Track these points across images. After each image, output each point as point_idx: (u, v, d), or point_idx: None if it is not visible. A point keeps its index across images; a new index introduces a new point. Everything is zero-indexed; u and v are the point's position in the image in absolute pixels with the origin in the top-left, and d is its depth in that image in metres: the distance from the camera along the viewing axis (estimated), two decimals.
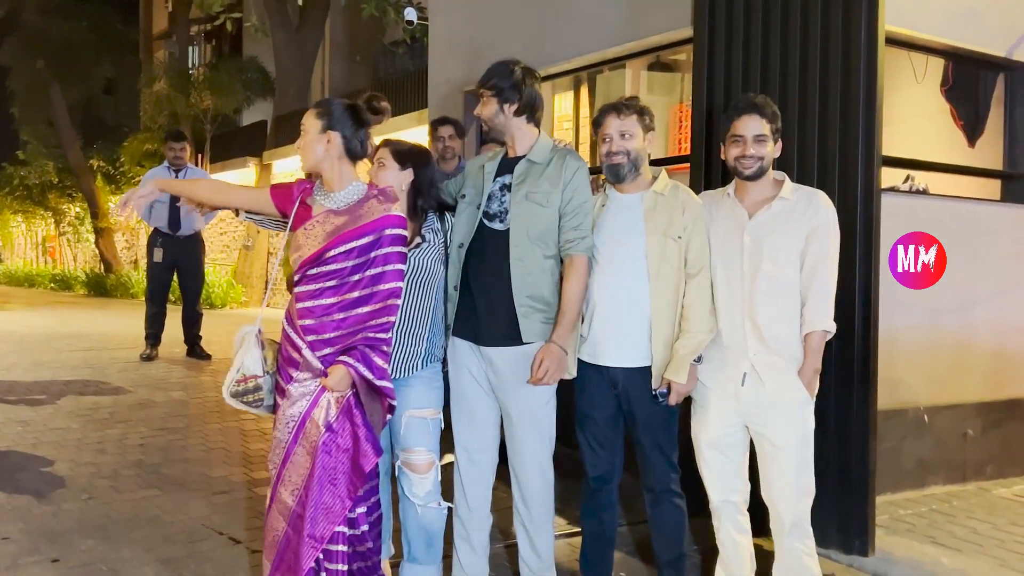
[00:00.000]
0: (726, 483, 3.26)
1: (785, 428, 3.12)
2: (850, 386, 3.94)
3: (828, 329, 3.12)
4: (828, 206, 3.17)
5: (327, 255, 2.96)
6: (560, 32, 6.30)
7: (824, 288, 3.10)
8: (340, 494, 2.94)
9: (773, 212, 3.15)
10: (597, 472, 3.35)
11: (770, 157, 3.18)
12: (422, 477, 3.24)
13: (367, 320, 2.95)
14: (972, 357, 5.02)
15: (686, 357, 3.14)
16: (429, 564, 3.33)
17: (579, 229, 3.19)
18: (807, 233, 3.11)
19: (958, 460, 4.98)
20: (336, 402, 2.95)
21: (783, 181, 3.21)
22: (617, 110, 3.25)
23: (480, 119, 3.39)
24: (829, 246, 3.12)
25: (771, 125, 3.17)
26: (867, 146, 3.95)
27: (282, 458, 2.99)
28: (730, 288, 3.18)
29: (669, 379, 3.14)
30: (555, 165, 3.23)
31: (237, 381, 3.08)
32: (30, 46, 22.97)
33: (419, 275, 3.25)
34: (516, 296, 3.19)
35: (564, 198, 3.19)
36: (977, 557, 3.93)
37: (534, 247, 3.20)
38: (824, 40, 4.07)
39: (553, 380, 3.17)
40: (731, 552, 3.30)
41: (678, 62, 6.56)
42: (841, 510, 3.97)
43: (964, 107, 5.62)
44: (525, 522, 3.34)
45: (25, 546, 3.89)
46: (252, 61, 19.20)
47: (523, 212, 3.20)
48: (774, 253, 3.12)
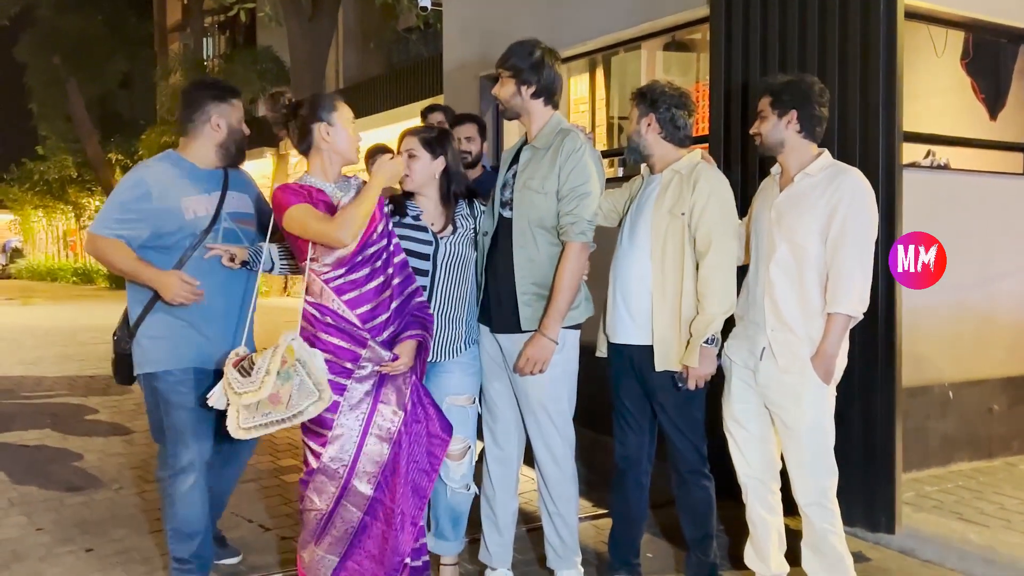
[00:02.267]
0: (753, 460, 3.26)
1: (795, 410, 3.09)
2: (874, 364, 3.93)
3: (846, 312, 2.99)
4: (855, 184, 3.04)
5: (371, 238, 2.97)
6: (575, 14, 6.26)
7: (845, 269, 2.98)
8: (425, 468, 3.02)
9: (796, 188, 3.12)
10: (625, 452, 3.36)
11: (768, 132, 3.15)
12: (458, 463, 3.25)
13: (405, 288, 3.04)
14: (996, 332, 4.99)
15: (696, 339, 3.09)
16: (454, 540, 3.38)
17: (571, 215, 3.14)
18: (829, 211, 3.02)
19: (984, 436, 4.96)
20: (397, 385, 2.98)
21: (821, 155, 3.13)
22: (633, 98, 3.29)
23: (497, 100, 3.36)
24: (852, 225, 2.99)
25: (771, 99, 3.14)
26: (888, 122, 3.91)
27: (354, 452, 2.93)
28: (757, 263, 3.19)
29: (684, 363, 3.13)
30: (553, 149, 3.19)
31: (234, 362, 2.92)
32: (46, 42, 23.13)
33: (452, 261, 3.25)
34: (519, 283, 3.19)
35: (559, 182, 3.15)
36: (1005, 532, 3.91)
37: (536, 234, 3.19)
38: (843, 15, 4.04)
39: (539, 370, 3.15)
40: (759, 529, 3.30)
41: (694, 42, 6.53)
42: (867, 488, 3.96)
43: (985, 80, 5.56)
44: (547, 506, 3.36)
45: (59, 536, 3.96)
46: (266, 51, 19.23)
47: (523, 200, 3.20)
48: (791, 231, 3.08)
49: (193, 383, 3.21)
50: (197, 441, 3.23)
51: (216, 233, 3.25)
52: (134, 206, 3.16)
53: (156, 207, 3.16)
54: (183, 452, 3.22)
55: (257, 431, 2.83)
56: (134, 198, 3.18)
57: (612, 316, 3.28)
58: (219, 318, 3.27)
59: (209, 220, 3.23)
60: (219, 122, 3.30)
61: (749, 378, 3.19)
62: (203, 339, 3.24)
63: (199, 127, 3.29)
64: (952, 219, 4.76)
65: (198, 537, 3.26)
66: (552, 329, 3.13)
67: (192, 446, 3.22)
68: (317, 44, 16.53)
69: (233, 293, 3.31)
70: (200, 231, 3.21)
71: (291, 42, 16.55)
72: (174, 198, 3.20)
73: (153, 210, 3.16)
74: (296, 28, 16.22)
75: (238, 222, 3.34)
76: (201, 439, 3.24)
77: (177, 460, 3.24)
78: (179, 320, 3.22)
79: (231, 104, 3.34)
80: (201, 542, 3.28)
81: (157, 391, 3.27)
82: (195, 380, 3.21)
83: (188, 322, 3.22)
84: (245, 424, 2.81)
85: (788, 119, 3.12)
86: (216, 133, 3.30)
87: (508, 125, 7.37)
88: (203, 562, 3.31)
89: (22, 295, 21.59)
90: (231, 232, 3.30)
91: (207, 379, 3.18)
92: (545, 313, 3.14)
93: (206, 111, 3.28)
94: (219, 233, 3.26)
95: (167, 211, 3.17)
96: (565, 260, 3.14)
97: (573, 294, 3.17)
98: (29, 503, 4.42)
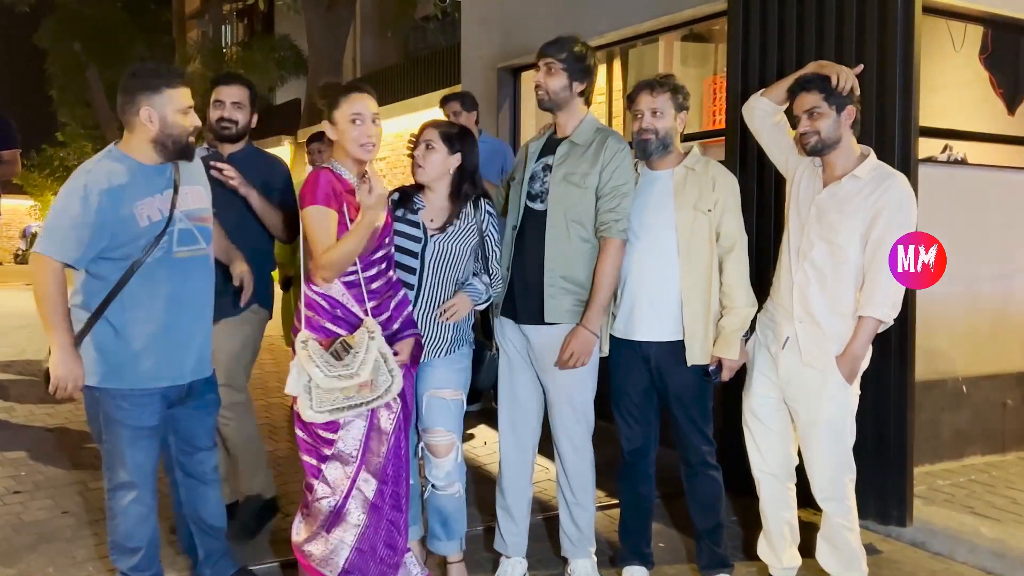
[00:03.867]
0: (769, 455, 3.29)
1: (814, 406, 3.11)
2: (887, 357, 3.94)
3: (878, 317, 3.00)
4: (902, 191, 3.02)
5: (383, 243, 3.02)
6: (593, 6, 6.27)
7: (883, 274, 2.97)
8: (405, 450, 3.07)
9: (841, 189, 3.07)
10: (632, 446, 3.40)
11: (828, 131, 3.05)
12: (441, 460, 3.24)
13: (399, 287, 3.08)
14: (1011, 326, 4.98)
15: (735, 333, 3.18)
16: (449, 539, 3.36)
17: (614, 211, 3.18)
18: (872, 215, 2.99)
19: (997, 430, 4.96)
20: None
21: (867, 157, 3.09)
22: (651, 87, 3.24)
23: (540, 88, 3.27)
24: (895, 232, 2.97)
25: (823, 95, 3.04)
26: (904, 117, 3.92)
27: (362, 438, 2.96)
28: (792, 254, 3.17)
29: (720, 356, 3.18)
30: (596, 146, 3.22)
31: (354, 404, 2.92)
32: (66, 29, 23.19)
33: (440, 259, 3.22)
34: (547, 275, 3.21)
35: (602, 180, 3.18)
36: (1017, 527, 3.93)
37: (570, 228, 3.21)
38: (860, 9, 4.03)
39: (580, 363, 3.19)
40: (772, 523, 3.33)
41: (711, 33, 6.51)
42: (879, 481, 3.98)
43: (1003, 75, 5.54)
44: (566, 495, 3.40)
45: (84, 519, 4.03)
46: (284, 39, 19.24)
47: (561, 193, 3.21)
48: (831, 231, 3.05)
49: (134, 399, 2.96)
50: (137, 459, 2.99)
51: (171, 236, 2.95)
52: (85, 220, 2.82)
53: (108, 219, 2.83)
54: (120, 470, 2.99)
55: (332, 415, 2.86)
56: (84, 211, 2.81)
57: (628, 314, 3.28)
58: (169, 332, 2.99)
59: (163, 225, 2.92)
60: (150, 115, 2.89)
61: (771, 372, 3.21)
62: (149, 354, 2.96)
63: (132, 120, 2.91)
64: (969, 214, 4.76)
65: (140, 552, 3.05)
66: (594, 323, 3.18)
67: (130, 464, 2.98)
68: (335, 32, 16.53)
69: (186, 306, 3.02)
70: (154, 237, 2.91)
71: (309, 30, 16.57)
72: (127, 205, 2.87)
73: (106, 222, 2.83)
74: (314, 16, 16.24)
75: (194, 220, 3.04)
76: (141, 457, 3.00)
77: (115, 476, 3.01)
78: (124, 333, 2.93)
79: (163, 94, 2.90)
80: (144, 556, 3.06)
81: (98, 403, 2.99)
82: (136, 397, 2.96)
83: (132, 336, 2.93)
84: (320, 408, 2.84)
85: (847, 114, 3.07)
86: (149, 127, 2.90)
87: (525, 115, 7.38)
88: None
89: None
90: (187, 233, 3.00)
91: (150, 396, 2.98)
92: (587, 307, 3.19)
93: (136, 102, 2.88)
94: (174, 236, 2.96)
95: (120, 221, 2.86)
96: (607, 256, 3.18)
97: (613, 289, 3.23)
98: (55, 486, 4.50)
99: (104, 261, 2.90)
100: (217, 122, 3.77)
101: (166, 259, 2.94)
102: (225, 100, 3.77)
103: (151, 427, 3.00)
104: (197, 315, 3.08)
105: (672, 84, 3.26)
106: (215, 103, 3.78)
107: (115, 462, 3.01)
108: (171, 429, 3.13)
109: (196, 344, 3.07)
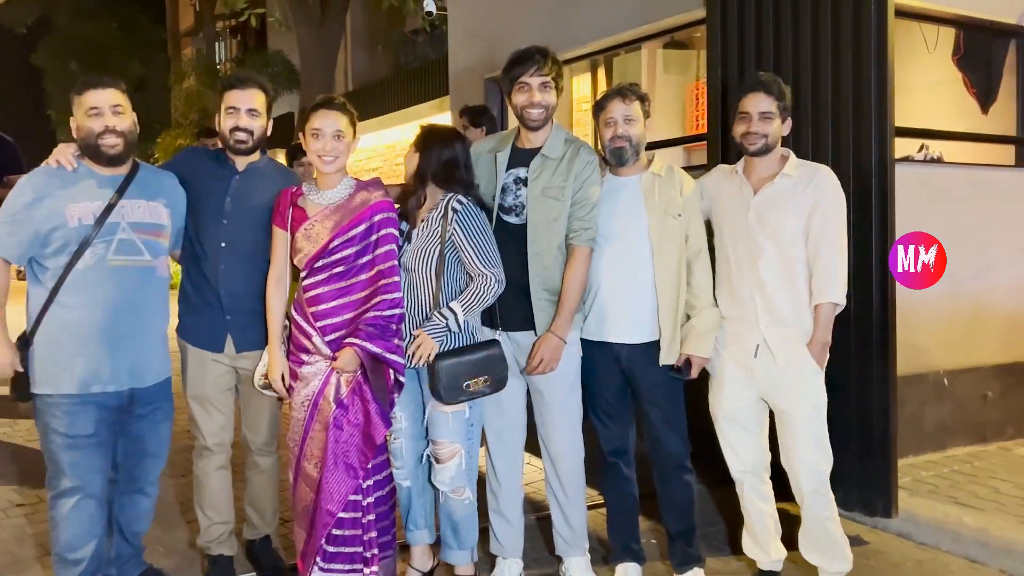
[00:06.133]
0: (747, 455, 3.29)
1: (797, 399, 3.14)
2: (870, 353, 3.95)
3: (835, 301, 3.09)
4: (831, 181, 3.13)
5: (331, 246, 3.05)
6: (576, 16, 6.28)
7: (829, 261, 3.07)
8: (353, 464, 3.05)
9: (776, 189, 3.15)
10: (611, 446, 3.40)
11: (776, 134, 3.17)
12: (443, 466, 3.23)
13: (371, 299, 3.05)
14: (990, 320, 5.00)
15: (709, 332, 3.20)
16: (459, 549, 3.33)
17: (584, 220, 3.19)
18: (809, 208, 3.09)
19: (978, 422, 4.97)
20: (346, 380, 3.05)
21: (788, 157, 3.19)
22: (622, 95, 3.25)
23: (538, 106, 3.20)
24: (833, 220, 3.09)
25: (778, 103, 3.15)
26: (880, 117, 3.93)
27: (301, 435, 3.09)
28: (738, 263, 3.20)
29: (691, 353, 3.18)
30: (568, 158, 3.22)
31: (263, 374, 3.25)
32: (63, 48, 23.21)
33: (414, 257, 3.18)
34: (533, 291, 3.21)
35: (573, 189, 3.19)
36: (999, 516, 3.93)
37: (551, 241, 3.21)
38: (835, 14, 4.05)
39: (549, 369, 3.19)
40: (756, 519, 3.33)
41: (693, 40, 6.53)
42: (865, 474, 3.99)
43: (976, 75, 5.56)
44: (557, 495, 3.39)
45: None
46: (277, 55, 19.22)
47: (541, 207, 3.20)
48: (776, 229, 3.12)
49: (68, 407, 2.92)
50: (76, 467, 2.94)
51: (108, 243, 2.93)
52: (21, 215, 2.88)
53: (41, 214, 2.88)
54: (60, 477, 2.95)
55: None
56: (20, 206, 2.89)
57: (599, 317, 3.27)
58: (104, 338, 2.94)
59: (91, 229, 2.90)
60: (72, 122, 2.97)
61: (744, 377, 3.21)
62: (82, 361, 2.92)
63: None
64: (946, 211, 4.77)
65: (81, 564, 2.98)
66: (564, 330, 3.19)
67: (68, 472, 2.94)
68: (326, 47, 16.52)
69: (120, 314, 2.97)
70: (82, 239, 2.90)
71: (301, 46, 16.55)
72: (59, 203, 2.90)
73: (38, 217, 2.88)
74: (305, 32, 16.22)
75: (141, 233, 3.00)
76: (82, 466, 2.95)
77: (56, 483, 2.97)
78: (57, 338, 2.92)
79: (75, 101, 2.95)
80: (86, 568, 2.99)
81: (38, 412, 2.97)
82: (70, 405, 2.92)
83: (64, 341, 2.91)
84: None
85: (787, 125, 3.20)
86: (77, 135, 2.95)
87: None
88: None
89: None
90: (128, 243, 2.97)
91: (83, 404, 2.93)
92: (557, 314, 3.18)
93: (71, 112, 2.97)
94: (112, 244, 2.94)
95: (49, 217, 2.88)
96: (576, 264, 3.18)
97: (582, 296, 3.23)
98: None
99: (41, 267, 2.94)
100: (231, 132, 3.21)
101: (99, 265, 2.95)
102: (240, 107, 3.20)
103: (86, 435, 2.96)
104: (134, 322, 3.02)
105: (640, 93, 3.28)
106: (228, 110, 3.21)
107: (55, 469, 2.97)
108: (120, 434, 3.11)
109: (133, 351, 3.02)
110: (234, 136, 3.22)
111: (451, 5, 7.99)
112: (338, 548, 3.09)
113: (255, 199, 3.27)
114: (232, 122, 3.21)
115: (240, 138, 3.22)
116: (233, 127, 3.21)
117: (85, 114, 2.96)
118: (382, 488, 3.18)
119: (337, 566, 3.09)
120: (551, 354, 3.18)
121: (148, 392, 3.11)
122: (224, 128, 3.23)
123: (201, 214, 3.27)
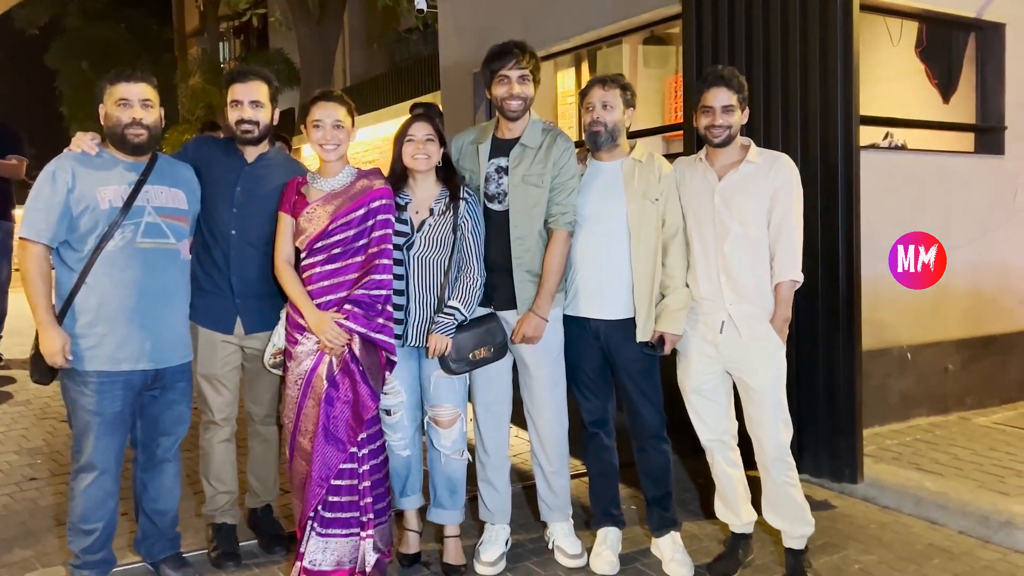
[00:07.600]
0: (714, 424, 3.30)
1: (761, 371, 3.14)
2: (837, 329, 3.97)
3: (795, 279, 3.12)
4: (791, 167, 3.15)
5: (330, 228, 3.06)
6: (559, 12, 6.26)
7: (790, 242, 3.10)
8: (342, 438, 3.06)
9: (740, 175, 3.15)
10: (592, 417, 3.41)
11: (737, 124, 3.16)
12: (447, 430, 3.27)
13: (361, 279, 3.05)
14: (951, 298, 5.02)
15: (681, 310, 3.20)
16: (453, 509, 3.38)
17: (562, 205, 3.19)
18: (772, 193, 3.10)
19: (940, 393, 5.00)
20: (337, 359, 3.05)
21: (749, 146, 3.20)
22: (603, 82, 3.26)
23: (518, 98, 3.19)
24: (793, 204, 3.11)
25: (738, 95, 3.14)
26: (846, 107, 3.93)
27: (296, 412, 3.09)
28: (704, 246, 3.20)
29: (663, 331, 3.19)
30: (547, 146, 3.21)
31: (273, 355, 3.26)
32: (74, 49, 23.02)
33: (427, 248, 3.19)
34: (516, 272, 3.22)
35: (552, 176, 3.19)
36: (957, 480, 3.96)
37: (533, 226, 3.21)
38: (803, 9, 4.05)
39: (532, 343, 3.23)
40: (726, 485, 3.35)
41: (672, 35, 6.51)
42: (832, 443, 4.01)
43: (938, 66, 5.56)
44: (543, 464, 3.40)
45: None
46: (278, 53, 19.12)
47: (522, 194, 3.20)
48: (742, 212, 3.13)
49: (97, 386, 2.93)
50: (100, 444, 2.96)
51: (136, 226, 2.95)
52: (53, 200, 2.88)
53: (71, 198, 2.89)
54: (84, 453, 2.98)
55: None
56: (51, 191, 2.89)
57: (580, 294, 3.29)
58: (133, 317, 2.95)
59: (119, 211, 2.91)
60: (101, 109, 2.99)
61: (711, 351, 3.22)
62: (112, 340, 2.94)
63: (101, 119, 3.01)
64: (909, 195, 4.79)
65: (94, 535, 3.02)
66: (544, 308, 3.21)
67: (92, 448, 2.96)
68: (325, 45, 16.44)
69: (148, 294, 2.98)
70: (112, 220, 2.91)
71: (300, 44, 16.47)
72: (89, 186, 2.91)
73: (70, 200, 2.89)
74: (305, 31, 16.14)
75: (165, 217, 3.03)
76: (106, 442, 2.98)
77: (79, 458, 3.00)
78: (87, 318, 2.93)
79: (106, 91, 2.98)
80: (97, 539, 3.03)
81: (65, 388, 2.99)
82: (99, 383, 2.93)
83: (95, 320, 2.93)
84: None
85: (746, 115, 3.20)
86: (104, 123, 2.99)
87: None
88: (99, 562, 3.08)
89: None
90: (154, 226, 2.99)
91: (111, 382, 2.95)
92: (538, 294, 3.20)
93: (100, 103, 3.00)
94: (140, 227, 2.96)
95: (81, 199, 2.89)
96: (555, 246, 3.19)
97: (561, 277, 3.24)
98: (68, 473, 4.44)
99: (69, 250, 2.93)
100: (237, 124, 3.24)
101: (128, 247, 2.95)
102: (243, 99, 3.23)
103: (113, 413, 2.97)
104: (160, 303, 3.04)
105: (622, 82, 3.27)
106: (232, 103, 3.24)
107: (80, 445, 3.00)
108: (139, 413, 3.12)
109: (159, 331, 3.03)
110: (240, 128, 3.25)
111: (441, 3, 7.96)
112: (335, 514, 3.10)
113: (264, 188, 3.27)
114: (237, 115, 3.25)
115: (246, 128, 3.25)
116: (238, 119, 3.24)
117: (115, 103, 2.97)
118: (376, 457, 3.19)
119: (335, 531, 3.10)
120: (533, 331, 3.21)
121: (172, 372, 3.12)
122: (231, 121, 3.27)
123: (212, 202, 3.26)
